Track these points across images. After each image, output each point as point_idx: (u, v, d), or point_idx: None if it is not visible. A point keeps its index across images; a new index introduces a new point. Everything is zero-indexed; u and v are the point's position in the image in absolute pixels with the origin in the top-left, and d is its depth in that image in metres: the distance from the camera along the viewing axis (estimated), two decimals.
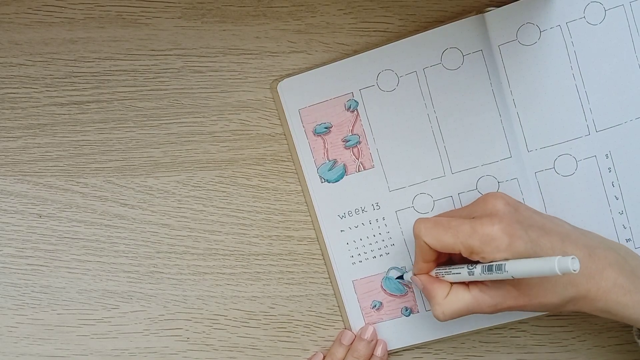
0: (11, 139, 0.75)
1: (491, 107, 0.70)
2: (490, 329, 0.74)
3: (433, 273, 0.67)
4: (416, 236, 0.65)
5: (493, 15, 0.69)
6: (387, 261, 0.75)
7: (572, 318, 0.75)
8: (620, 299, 0.63)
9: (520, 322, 0.74)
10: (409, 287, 0.75)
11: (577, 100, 0.69)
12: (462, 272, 0.63)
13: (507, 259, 0.60)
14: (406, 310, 0.75)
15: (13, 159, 0.75)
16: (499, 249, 0.60)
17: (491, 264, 0.60)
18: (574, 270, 0.53)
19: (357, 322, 0.76)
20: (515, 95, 0.70)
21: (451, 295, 0.65)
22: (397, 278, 0.74)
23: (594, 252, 0.64)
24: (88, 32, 0.73)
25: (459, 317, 0.65)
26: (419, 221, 0.65)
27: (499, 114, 0.70)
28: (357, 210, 0.74)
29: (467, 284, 0.64)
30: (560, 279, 0.62)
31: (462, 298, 0.64)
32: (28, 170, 0.75)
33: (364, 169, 0.73)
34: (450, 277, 0.65)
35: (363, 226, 0.74)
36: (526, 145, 0.70)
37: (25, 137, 0.75)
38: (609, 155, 0.70)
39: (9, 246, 0.76)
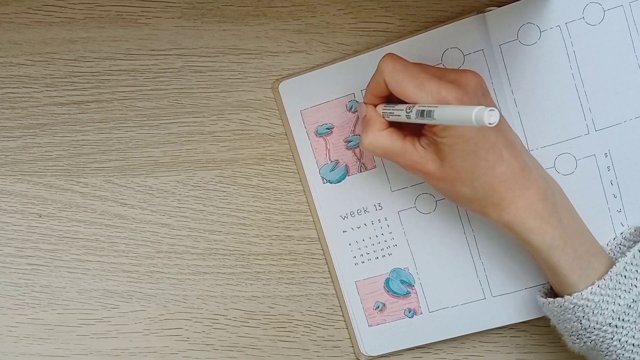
0: (11, 139, 0.75)
1: None
2: (490, 329, 0.75)
3: (380, 109, 0.67)
4: (379, 70, 0.64)
5: (494, 15, 0.69)
6: (389, 262, 0.75)
7: None
8: (528, 222, 0.64)
9: (520, 322, 0.74)
10: (412, 288, 0.75)
11: (577, 100, 0.70)
12: (402, 115, 0.63)
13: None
14: (409, 312, 0.75)
15: (13, 159, 0.75)
16: None
17: (424, 109, 0.59)
18: (490, 124, 0.51)
19: (360, 323, 0.76)
20: (516, 95, 0.70)
21: (386, 132, 0.66)
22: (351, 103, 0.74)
23: (528, 171, 0.64)
24: (88, 32, 0.73)
25: (381, 155, 0.66)
26: (388, 57, 0.64)
27: (500, 114, 0.70)
28: (359, 211, 0.74)
29: (405, 134, 0.65)
30: (482, 176, 0.63)
31: (395, 141, 0.65)
32: (28, 170, 0.75)
33: (366, 170, 0.73)
34: (392, 118, 0.65)
35: (365, 227, 0.74)
36: (527, 145, 0.70)
37: (25, 137, 0.75)
38: (608, 154, 0.70)
39: (9, 246, 0.76)
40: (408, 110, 0.62)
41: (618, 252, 0.70)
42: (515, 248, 0.72)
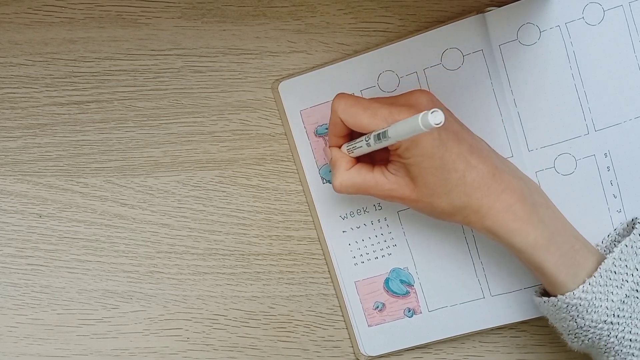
0: (11, 139, 0.75)
1: (492, 107, 0.70)
2: (490, 329, 0.75)
3: (345, 148, 0.68)
4: (333, 111, 0.66)
5: (493, 15, 0.69)
6: (389, 262, 0.75)
7: None
8: (509, 224, 0.64)
9: (520, 322, 0.74)
10: (412, 288, 0.75)
11: (577, 100, 0.70)
12: (362, 145, 0.64)
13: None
14: (409, 312, 0.75)
15: (13, 159, 0.75)
16: None
17: (379, 132, 0.61)
18: (436, 124, 0.52)
19: (359, 323, 0.76)
20: (516, 95, 0.70)
21: (354, 169, 0.67)
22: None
23: (500, 174, 0.65)
24: (88, 32, 0.73)
25: (354, 192, 0.67)
26: (339, 97, 0.66)
27: (500, 114, 0.70)
28: (359, 211, 0.74)
29: (373, 166, 0.66)
30: (456, 188, 0.63)
31: (365, 175, 0.66)
32: (28, 170, 0.75)
33: None
34: (356, 152, 0.66)
35: (365, 227, 0.74)
36: (527, 145, 0.70)
37: (25, 137, 0.75)
38: (607, 154, 0.70)
39: (9, 246, 0.76)
40: (367, 139, 0.63)
41: (613, 248, 0.70)
42: None
